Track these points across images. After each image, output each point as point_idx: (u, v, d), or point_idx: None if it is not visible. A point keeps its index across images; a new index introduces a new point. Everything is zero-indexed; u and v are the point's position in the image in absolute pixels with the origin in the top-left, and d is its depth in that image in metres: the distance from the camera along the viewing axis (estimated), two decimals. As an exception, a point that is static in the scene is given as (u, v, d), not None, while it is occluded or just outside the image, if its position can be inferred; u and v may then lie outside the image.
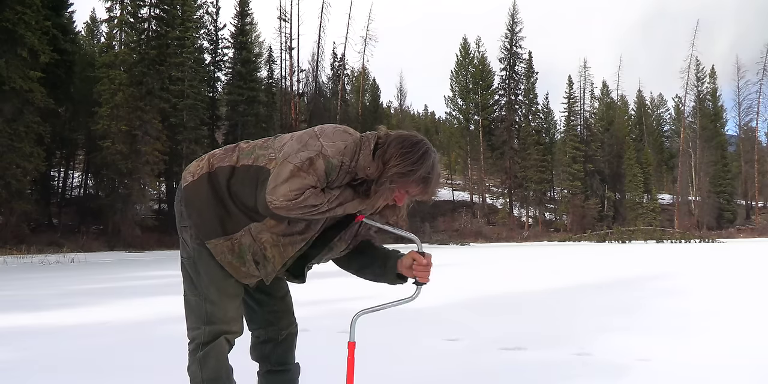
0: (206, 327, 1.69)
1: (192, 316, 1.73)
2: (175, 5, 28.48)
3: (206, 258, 1.69)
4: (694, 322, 4.23)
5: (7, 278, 9.70)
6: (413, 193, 1.63)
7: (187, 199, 1.72)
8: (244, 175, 1.66)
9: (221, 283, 1.71)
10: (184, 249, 1.75)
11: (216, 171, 1.70)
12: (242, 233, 1.65)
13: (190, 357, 1.72)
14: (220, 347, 1.71)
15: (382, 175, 1.58)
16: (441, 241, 34.84)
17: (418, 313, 4.89)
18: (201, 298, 1.71)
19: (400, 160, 1.56)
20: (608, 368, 2.80)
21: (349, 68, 44.65)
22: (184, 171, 1.80)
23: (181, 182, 1.76)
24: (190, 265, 1.73)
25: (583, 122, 48.55)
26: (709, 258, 14.55)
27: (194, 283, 1.72)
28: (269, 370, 1.93)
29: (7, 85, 20.69)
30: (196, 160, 1.81)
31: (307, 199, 1.53)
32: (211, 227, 1.67)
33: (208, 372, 1.68)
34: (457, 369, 2.83)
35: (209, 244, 1.67)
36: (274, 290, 1.90)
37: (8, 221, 21.90)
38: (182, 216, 1.74)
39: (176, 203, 1.78)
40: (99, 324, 4.40)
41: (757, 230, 44.53)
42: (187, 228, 1.73)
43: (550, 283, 7.50)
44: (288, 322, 1.93)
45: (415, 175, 1.57)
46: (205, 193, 1.68)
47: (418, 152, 1.58)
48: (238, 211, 1.66)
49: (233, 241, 1.66)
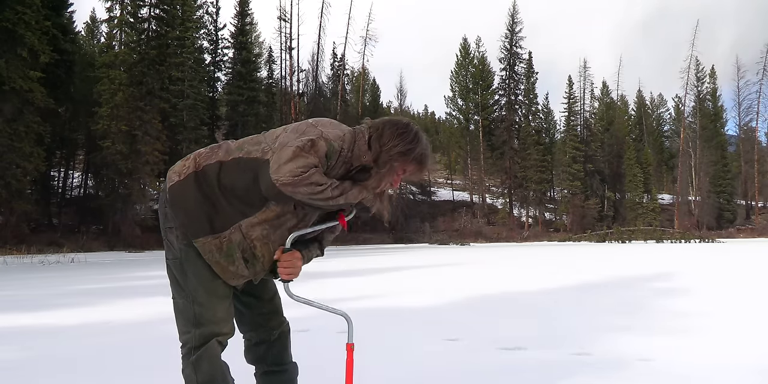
0: (196, 330, 1.67)
1: (181, 319, 1.71)
2: (175, 5, 28.47)
3: (193, 258, 1.67)
4: (694, 322, 4.22)
5: (7, 278, 9.70)
6: (410, 171, 1.72)
7: (174, 198, 1.69)
8: (236, 167, 1.66)
9: (209, 284, 1.68)
10: (169, 251, 1.73)
11: (204, 169, 1.69)
12: (232, 231, 1.64)
13: (184, 361, 1.70)
14: (212, 350, 1.69)
15: (380, 156, 1.65)
16: (441, 241, 34.86)
17: (417, 313, 4.89)
18: (189, 301, 1.68)
19: (398, 140, 1.65)
20: (608, 368, 2.80)
21: (349, 68, 44.67)
22: (169, 171, 1.77)
23: (166, 182, 1.74)
24: (176, 267, 1.70)
25: (583, 122, 48.54)
26: (709, 258, 14.55)
27: (181, 285, 1.70)
28: (266, 371, 1.92)
29: (7, 85, 20.70)
30: (181, 159, 1.79)
31: (312, 175, 1.56)
32: (198, 225, 1.65)
33: (202, 376, 1.67)
34: (456, 369, 2.83)
35: (197, 243, 1.65)
36: (262, 292, 1.88)
37: (8, 221, 21.91)
38: (167, 217, 1.72)
39: (160, 205, 1.76)
40: (99, 324, 4.40)
41: (757, 230, 44.51)
42: (172, 229, 1.70)
43: (549, 283, 7.49)
44: (278, 322, 1.91)
45: (415, 152, 1.67)
46: (192, 191, 1.67)
47: (412, 132, 1.69)
48: (229, 208, 1.64)
49: (222, 240, 1.64)
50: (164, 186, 1.75)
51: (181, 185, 1.69)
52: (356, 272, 10.19)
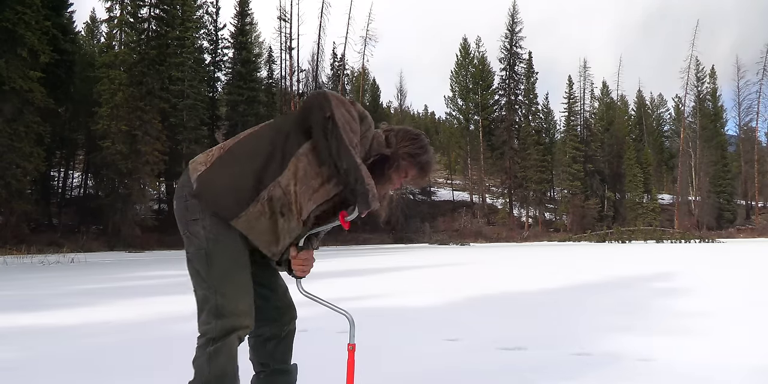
0: (217, 321, 1.66)
1: (203, 311, 1.70)
2: (175, 5, 28.50)
3: (222, 249, 1.67)
4: (695, 322, 4.22)
5: (7, 278, 9.70)
6: (412, 176, 1.87)
7: (203, 185, 1.69)
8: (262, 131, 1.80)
9: (235, 276, 1.69)
10: (191, 244, 1.71)
11: (229, 149, 1.75)
12: (272, 187, 1.66)
13: (199, 350, 1.69)
14: (232, 345, 1.69)
15: (392, 155, 1.81)
16: (441, 241, 34.87)
17: (418, 313, 4.89)
18: (211, 291, 1.68)
19: (409, 143, 1.85)
20: (608, 368, 2.80)
21: (349, 68, 44.69)
22: (190, 164, 1.77)
23: (190, 173, 1.73)
24: (199, 258, 1.69)
25: (583, 122, 48.54)
26: (709, 258, 14.55)
27: (203, 277, 1.69)
28: (273, 371, 1.92)
29: (7, 85, 20.71)
30: (202, 153, 1.80)
31: (350, 112, 1.70)
32: (234, 201, 1.66)
33: (216, 368, 1.66)
34: (456, 369, 2.83)
35: (240, 219, 1.66)
36: (276, 286, 1.92)
37: (8, 221, 21.92)
38: (188, 210, 1.71)
39: (179, 199, 1.74)
40: (99, 324, 4.40)
41: (757, 230, 44.50)
42: (197, 220, 1.69)
43: (549, 283, 7.49)
44: (290, 318, 1.94)
45: (421, 158, 1.85)
46: (223, 170, 1.70)
47: (423, 141, 1.89)
48: (261, 170, 1.67)
49: (263, 202, 1.66)
50: (185, 179, 1.74)
51: (209, 172, 1.70)
52: (356, 272, 10.19)
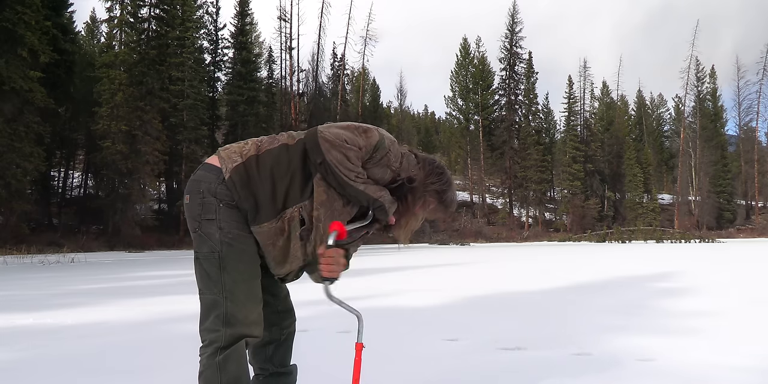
0: (226, 329, 1.57)
1: (209, 316, 1.59)
2: (175, 5, 28.52)
3: (237, 253, 1.59)
4: (695, 322, 4.22)
5: (7, 278, 9.69)
6: (433, 210, 1.78)
7: (242, 179, 1.59)
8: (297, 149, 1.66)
9: (249, 283, 1.62)
10: (203, 244, 1.60)
11: (266, 153, 1.65)
12: (294, 209, 1.60)
13: (206, 361, 1.57)
14: (241, 350, 1.60)
15: (419, 186, 1.71)
16: (441, 241, 34.85)
17: (417, 313, 4.89)
18: (222, 297, 1.57)
19: (436, 178, 1.74)
20: (608, 368, 2.80)
21: (349, 68, 44.75)
22: (222, 150, 1.68)
23: (224, 162, 1.62)
24: (211, 261, 1.59)
25: (583, 122, 48.56)
26: (709, 258, 14.55)
27: (213, 280, 1.58)
28: (272, 373, 1.90)
29: (7, 85, 20.70)
30: (236, 143, 1.72)
31: (351, 150, 1.59)
32: (271, 206, 1.59)
33: (227, 376, 1.56)
34: (456, 369, 2.82)
35: (261, 228, 1.59)
36: (278, 290, 1.89)
37: (8, 221, 21.91)
38: (206, 207, 1.59)
39: (195, 195, 1.62)
40: (99, 324, 4.39)
41: (757, 230, 44.54)
42: (213, 221, 1.58)
43: (549, 283, 7.49)
44: (290, 322, 1.92)
45: (446, 195, 1.77)
46: (264, 173, 1.61)
47: (447, 175, 1.79)
48: (290, 190, 1.61)
49: (284, 220, 1.60)
50: (208, 169, 1.64)
51: (248, 168, 1.61)
52: (355, 272, 10.19)
